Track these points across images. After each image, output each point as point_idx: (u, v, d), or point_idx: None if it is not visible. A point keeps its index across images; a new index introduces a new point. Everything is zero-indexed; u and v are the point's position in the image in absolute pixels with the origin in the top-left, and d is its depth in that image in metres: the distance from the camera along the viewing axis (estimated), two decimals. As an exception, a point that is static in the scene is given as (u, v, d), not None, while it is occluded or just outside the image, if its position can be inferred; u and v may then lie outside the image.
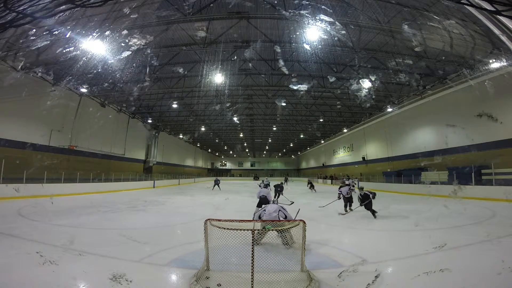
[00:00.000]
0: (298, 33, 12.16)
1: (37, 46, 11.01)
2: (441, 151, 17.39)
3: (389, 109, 22.44)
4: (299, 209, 6.54)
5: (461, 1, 5.45)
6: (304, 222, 3.72)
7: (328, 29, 10.66)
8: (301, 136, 39.18)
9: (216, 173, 62.34)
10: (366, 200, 8.52)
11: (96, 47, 10.81)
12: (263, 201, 8.01)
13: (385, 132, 25.49)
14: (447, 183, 15.51)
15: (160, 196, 16.40)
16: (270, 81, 17.69)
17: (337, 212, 9.57)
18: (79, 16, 9.82)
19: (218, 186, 22.98)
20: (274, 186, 15.02)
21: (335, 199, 10.51)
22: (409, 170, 20.04)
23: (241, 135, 40.34)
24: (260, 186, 15.93)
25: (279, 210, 5.35)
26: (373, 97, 18.98)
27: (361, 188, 9.01)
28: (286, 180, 31.73)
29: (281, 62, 14.37)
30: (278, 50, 13.02)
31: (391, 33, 11.62)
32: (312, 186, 22.07)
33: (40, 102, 15.01)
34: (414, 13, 10.08)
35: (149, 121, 29.00)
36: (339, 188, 10.40)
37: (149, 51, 12.87)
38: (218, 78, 16.14)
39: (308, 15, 9.79)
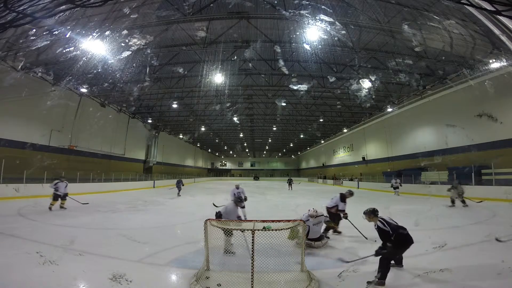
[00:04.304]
0: (298, 33, 12.16)
1: (37, 46, 11.01)
2: (441, 151, 17.39)
3: (389, 109, 22.45)
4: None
5: (461, 1, 5.45)
6: (304, 222, 3.72)
7: (328, 29, 10.66)
8: (301, 136, 39.18)
9: (216, 173, 62.45)
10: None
11: (96, 47, 10.81)
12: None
13: (385, 132, 25.50)
14: (447, 183, 15.51)
15: (160, 196, 16.40)
16: (270, 81, 17.68)
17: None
18: (79, 16, 9.82)
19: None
20: None
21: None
22: (409, 170, 20.03)
23: (241, 135, 40.35)
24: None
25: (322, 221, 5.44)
26: (373, 97, 19.00)
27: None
28: (290, 183, 26.10)
29: (281, 62, 14.36)
30: (278, 50, 13.01)
31: (391, 33, 11.62)
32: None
33: (40, 102, 15.01)
34: (414, 13, 10.08)
35: (149, 121, 29.01)
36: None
37: (149, 51, 12.86)
38: (218, 78, 16.14)
39: (308, 15, 9.79)
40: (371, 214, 3.87)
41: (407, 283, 3.52)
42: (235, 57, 14.88)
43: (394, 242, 3.56)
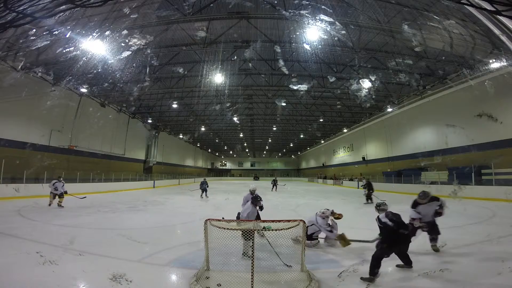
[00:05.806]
0: (298, 33, 12.16)
1: (37, 46, 11.00)
2: (441, 151, 17.39)
3: (389, 109, 22.44)
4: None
5: (461, 1, 5.45)
6: (304, 222, 3.72)
7: (328, 29, 10.66)
8: (301, 136, 39.18)
9: (216, 173, 62.37)
10: None
11: (96, 47, 10.81)
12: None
13: (385, 132, 25.49)
14: (447, 183, 15.51)
15: (160, 196, 16.40)
16: (270, 81, 17.68)
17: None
18: (79, 16, 9.83)
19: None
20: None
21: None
22: (409, 170, 20.03)
23: (241, 135, 40.33)
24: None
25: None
26: (373, 97, 18.98)
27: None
28: (274, 185, 23.54)
29: (281, 62, 14.35)
30: (278, 50, 13.01)
31: (391, 33, 11.62)
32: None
33: (40, 102, 15.02)
34: (414, 13, 10.08)
35: (149, 121, 29.00)
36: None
37: (149, 51, 12.86)
38: (218, 78, 16.14)
39: (308, 15, 9.79)
40: (376, 208, 4.15)
41: (407, 283, 3.52)
42: (235, 57, 14.88)
43: (381, 230, 3.88)
